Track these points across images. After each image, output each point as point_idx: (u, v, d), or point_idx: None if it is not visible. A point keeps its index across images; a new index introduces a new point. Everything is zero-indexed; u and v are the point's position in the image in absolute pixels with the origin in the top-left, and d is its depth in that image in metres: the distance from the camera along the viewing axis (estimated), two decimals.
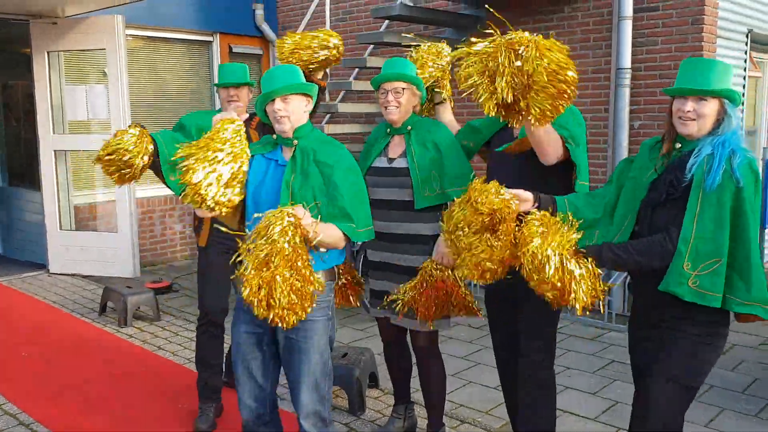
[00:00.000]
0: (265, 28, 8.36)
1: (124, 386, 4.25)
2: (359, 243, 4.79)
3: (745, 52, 6.35)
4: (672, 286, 2.31)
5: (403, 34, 6.11)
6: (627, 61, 5.67)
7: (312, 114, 2.79)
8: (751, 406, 4.05)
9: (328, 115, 7.50)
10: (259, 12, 8.29)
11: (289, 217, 2.27)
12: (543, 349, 2.96)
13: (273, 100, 2.60)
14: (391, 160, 3.20)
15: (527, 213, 2.49)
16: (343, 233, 2.54)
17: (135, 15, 6.92)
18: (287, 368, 2.69)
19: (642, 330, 2.57)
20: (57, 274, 6.94)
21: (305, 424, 2.67)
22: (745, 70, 6.39)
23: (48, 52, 6.68)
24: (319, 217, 2.47)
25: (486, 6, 6.45)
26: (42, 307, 5.88)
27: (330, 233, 2.48)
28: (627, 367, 4.62)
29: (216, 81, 3.71)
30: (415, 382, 3.67)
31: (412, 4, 6.95)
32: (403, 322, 3.19)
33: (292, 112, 2.61)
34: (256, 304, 2.28)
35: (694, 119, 2.36)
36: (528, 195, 2.52)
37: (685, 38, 5.50)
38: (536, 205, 2.53)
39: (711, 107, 2.35)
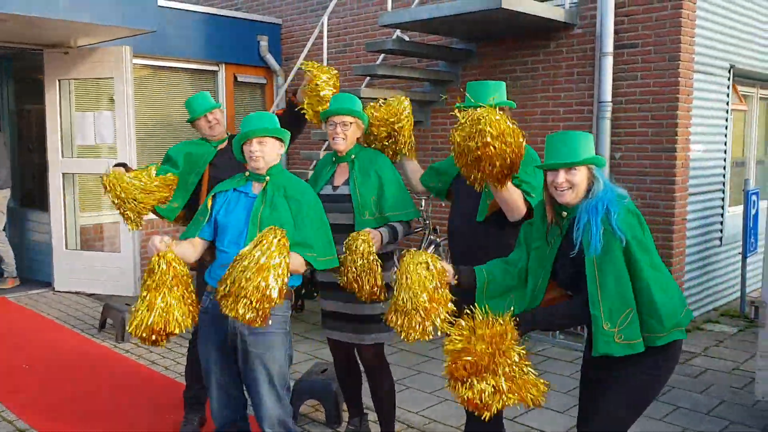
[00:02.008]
0: (269, 58, 8.70)
1: (118, 398, 4.48)
2: None
3: (728, 87, 6.58)
4: (602, 349, 2.49)
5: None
6: (608, 94, 5.92)
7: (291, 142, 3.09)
8: (713, 426, 4.21)
9: (327, 142, 7.80)
10: (264, 43, 8.64)
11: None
12: None
13: (250, 140, 2.88)
14: (335, 187, 3.46)
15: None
16: (305, 260, 2.85)
17: (144, 45, 7.27)
18: (249, 380, 2.92)
19: (591, 371, 2.75)
20: (62, 291, 7.22)
21: None
22: (727, 104, 6.60)
23: (59, 80, 7.04)
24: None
25: (477, 42, 6.77)
26: (45, 323, 6.15)
27: (293, 260, 2.77)
28: None
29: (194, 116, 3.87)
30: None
31: (408, 39, 7.28)
32: (348, 337, 3.48)
33: (267, 153, 2.91)
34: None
35: (569, 188, 2.57)
36: (450, 271, 2.72)
37: (663, 74, 5.74)
38: (456, 277, 2.73)
39: (581, 175, 2.56)
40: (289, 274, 2.65)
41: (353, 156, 3.45)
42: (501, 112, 2.73)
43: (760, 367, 4.03)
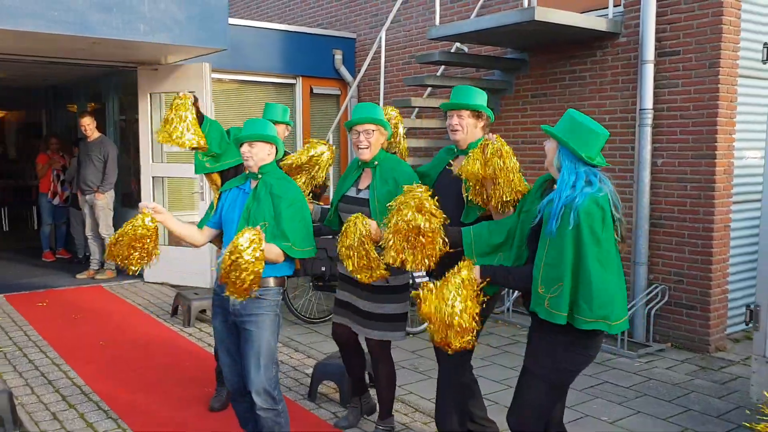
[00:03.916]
0: (343, 71, 9.26)
1: (170, 372, 5.13)
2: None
3: None
4: (533, 306, 2.81)
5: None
6: (649, 102, 5.98)
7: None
8: (716, 428, 4.26)
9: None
10: (338, 57, 9.22)
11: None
12: (457, 357, 3.43)
13: (243, 143, 3.38)
14: (359, 190, 3.78)
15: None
16: (282, 251, 3.28)
17: (226, 62, 8.01)
18: (243, 353, 3.39)
19: (530, 335, 3.04)
20: (150, 282, 8.09)
21: (257, 399, 3.33)
22: None
23: (150, 94, 7.92)
24: (264, 230, 3.22)
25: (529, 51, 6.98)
26: (129, 309, 6.97)
27: (269, 249, 3.22)
28: (619, 388, 4.97)
29: (279, 118, 4.43)
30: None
31: (467, 50, 7.61)
32: (356, 328, 3.84)
33: (256, 154, 3.38)
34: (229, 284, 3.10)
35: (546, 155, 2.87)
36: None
37: (703, 81, 5.74)
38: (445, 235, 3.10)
39: (549, 145, 2.87)
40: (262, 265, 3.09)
41: (376, 162, 3.72)
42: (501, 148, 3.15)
43: (755, 370, 4.05)
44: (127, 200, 8.96)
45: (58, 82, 10.79)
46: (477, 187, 3.26)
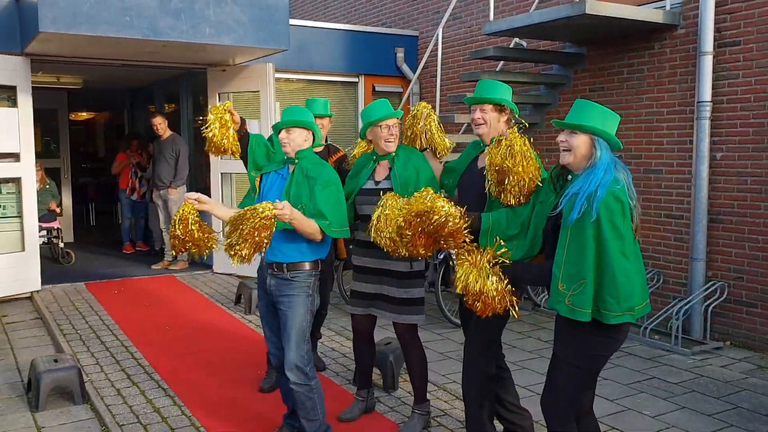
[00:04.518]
0: (405, 68, 9.41)
1: (227, 354, 5.42)
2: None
3: None
4: (553, 303, 2.85)
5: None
6: (707, 94, 5.85)
7: None
8: (764, 427, 4.16)
9: None
10: (400, 55, 9.37)
11: (269, 211, 3.21)
12: (483, 344, 3.50)
13: (281, 130, 3.57)
14: (377, 182, 3.93)
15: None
16: (320, 228, 3.44)
17: (291, 62, 8.33)
18: (280, 331, 3.59)
19: (557, 322, 3.09)
20: (219, 273, 8.48)
21: (291, 375, 3.52)
22: None
23: (219, 94, 8.29)
24: (303, 211, 3.42)
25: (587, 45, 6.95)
26: (196, 297, 7.36)
27: (308, 224, 3.41)
28: (666, 384, 4.92)
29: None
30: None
31: (526, 45, 7.62)
32: (385, 315, 3.97)
33: (293, 140, 3.56)
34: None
35: (568, 150, 2.85)
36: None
37: (765, 71, 5.57)
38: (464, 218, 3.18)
39: (580, 140, 2.81)
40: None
41: (394, 154, 3.90)
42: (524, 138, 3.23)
43: None
44: None
45: (138, 85, 11.41)
46: (497, 180, 3.31)
